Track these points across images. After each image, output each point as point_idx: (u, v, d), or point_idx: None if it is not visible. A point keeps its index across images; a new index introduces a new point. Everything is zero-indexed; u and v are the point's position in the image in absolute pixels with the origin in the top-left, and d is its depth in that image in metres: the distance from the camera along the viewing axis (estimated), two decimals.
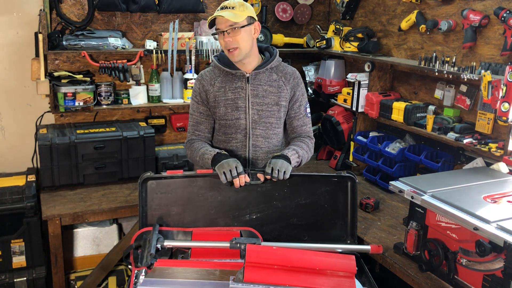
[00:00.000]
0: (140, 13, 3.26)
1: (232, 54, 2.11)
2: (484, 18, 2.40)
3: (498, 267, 1.67)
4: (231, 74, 2.20)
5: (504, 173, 2.19)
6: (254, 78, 2.20)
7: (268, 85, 2.21)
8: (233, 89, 2.19)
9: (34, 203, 2.68)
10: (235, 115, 2.19)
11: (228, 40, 2.08)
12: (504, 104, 2.15)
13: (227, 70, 2.19)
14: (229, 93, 2.19)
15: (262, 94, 2.20)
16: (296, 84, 2.27)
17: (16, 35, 3.05)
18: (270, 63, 2.21)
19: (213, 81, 2.22)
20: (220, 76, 2.22)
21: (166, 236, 2.02)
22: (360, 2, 3.42)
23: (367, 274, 1.97)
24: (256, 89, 2.20)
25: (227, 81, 2.20)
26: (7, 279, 2.68)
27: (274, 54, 2.25)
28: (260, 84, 2.20)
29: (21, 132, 3.19)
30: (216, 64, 2.22)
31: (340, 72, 3.54)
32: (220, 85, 2.20)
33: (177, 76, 3.34)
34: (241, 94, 2.19)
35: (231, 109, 2.19)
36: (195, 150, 2.20)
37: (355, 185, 2.14)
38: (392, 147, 2.94)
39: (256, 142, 2.24)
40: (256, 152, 2.25)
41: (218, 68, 2.22)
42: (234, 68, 2.19)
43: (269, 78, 2.22)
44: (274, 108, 2.22)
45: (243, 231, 2.09)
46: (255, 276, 1.67)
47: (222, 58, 2.23)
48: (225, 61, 2.21)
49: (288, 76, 2.25)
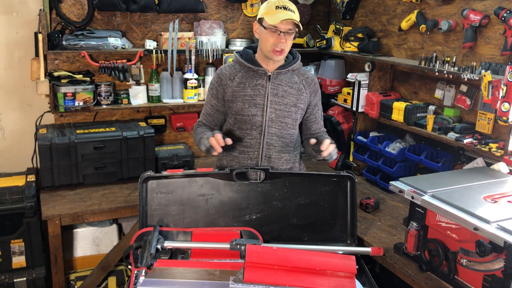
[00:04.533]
0: (140, 13, 3.26)
1: (277, 54, 2.13)
2: (484, 18, 2.40)
3: (498, 267, 1.67)
4: (252, 70, 2.21)
5: (504, 173, 2.18)
6: (275, 77, 2.22)
7: (288, 86, 2.24)
8: (253, 85, 2.21)
9: (34, 203, 2.68)
10: (252, 111, 2.21)
11: (282, 41, 2.09)
12: (504, 104, 2.15)
13: (250, 66, 2.21)
14: (249, 89, 2.21)
15: (282, 94, 2.22)
16: (316, 90, 2.33)
17: (16, 35, 3.05)
18: (293, 65, 2.24)
19: (232, 76, 2.23)
20: (241, 71, 2.23)
21: (166, 237, 2.02)
22: (360, 2, 3.42)
23: (367, 274, 1.97)
24: (277, 88, 2.22)
25: (248, 77, 2.22)
26: (7, 279, 2.68)
27: (297, 57, 2.28)
28: (280, 84, 2.22)
29: (21, 132, 3.19)
30: (239, 59, 2.24)
31: (340, 72, 3.54)
32: (240, 80, 2.22)
33: (177, 76, 3.34)
34: (261, 91, 2.21)
35: (248, 105, 2.20)
36: (197, 134, 2.28)
37: (354, 184, 2.14)
38: (392, 147, 2.94)
39: (270, 141, 2.26)
40: (270, 150, 2.27)
41: (240, 63, 2.24)
42: (257, 65, 2.21)
43: (290, 80, 2.25)
44: (292, 109, 2.24)
45: (243, 231, 2.10)
46: (255, 276, 1.67)
47: (245, 54, 2.25)
48: (248, 58, 2.23)
49: (309, 80, 2.30)
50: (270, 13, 2.08)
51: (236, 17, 3.53)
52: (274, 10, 2.08)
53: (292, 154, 2.34)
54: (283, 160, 2.31)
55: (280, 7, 2.08)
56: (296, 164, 2.39)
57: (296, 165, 2.38)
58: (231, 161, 2.31)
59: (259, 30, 2.16)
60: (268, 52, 2.14)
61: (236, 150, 2.28)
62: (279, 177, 2.15)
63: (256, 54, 2.26)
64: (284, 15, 2.06)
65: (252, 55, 2.25)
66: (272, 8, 2.09)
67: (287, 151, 2.31)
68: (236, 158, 2.29)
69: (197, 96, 3.32)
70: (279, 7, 2.08)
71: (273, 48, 2.11)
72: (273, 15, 2.07)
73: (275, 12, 2.07)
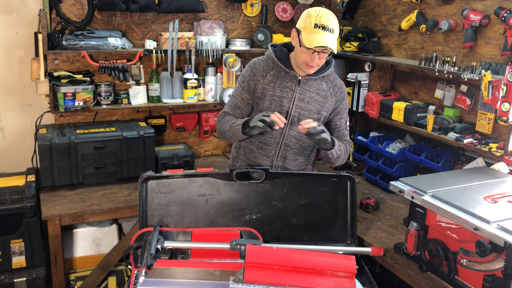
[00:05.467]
0: (140, 13, 3.26)
1: (310, 69, 2.14)
2: (484, 18, 2.40)
3: (499, 267, 1.67)
4: (284, 71, 2.21)
5: (504, 173, 2.18)
6: (305, 82, 2.21)
7: (316, 93, 2.23)
8: (283, 87, 2.20)
9: (34, 203, 2.67)
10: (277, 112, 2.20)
11: (317, 61, 2.09)
12: (504, 104, 2.15)
13: (282, 66, 2.20)
14: (278, 89, 2.20)
15: (308, 100, 2.22)
16: (342, 98, 2.31)
17: (16, 35, 3.05)
18: (324, 72, 2.23)
19: (265, 73, 2.22)
20: (273, 70, 2.23)
21: (166, 237, 2.02)
22: (360, 2, 3.42)
23: (367, 274, 1.97)
24: (304, 93, 2.21)
25: (279, 77, 2.21)
26: (7, 279, 2.68)
27: (330, 64, 2.25)
28: (308, 90, 2.22)
29: (21, 132, 3.18)
30: (273, 57, 2.22)
31: (340, 72, 3.54)
32: (271, 79, 2.21)
33: (177, 76, 3.34)
34: (289, 94, 2.20)
35: (274, 105, 2.21)
36: (225, 122, 2.27)
37: (354, 184, 2.14)
38: (392, 147, 2.94)
39: (289, 142, 2.27)
40: (286, 151, 2.28)
41: (273, 61, 2.22)
42: (289, 67, 2.20)
43: (318, 87, 2.24)
44: (315, 116, 2.24)
45: (243, 231, 2.10)
46: (255, 276, 1.67)
47: (280, 53, 2.22)
48: (283, 57, 2.21)
49: (336, 88, 2.29)
50: (308, 31, 2.03)
51: (236, 17, 3.53)
52: (312, 29, 2.02)
53: (308, 157, 2.36)
54: (297, 162, 2.32)
55: (319, 26, 2.01)
56: (309, 166, 2.40)
57: (309, 167, 2.40)
58: (248, 153, 2.32)
59: (296, 39, 2.11)
60: (300, 65, 2.14)
61: (254, 145, 2.30)
62: (279, 177, 2.15)
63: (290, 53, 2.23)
64: (319, 40, 2.00)
65: (286, 55, 2.22)
66: (311, 26, 2.02)
67: (304, 154, 2.32)
68: (253, 152, 2.31)
69: (197, 96, 3.32)
70: (318, 26, 2.01)
71: (306, 63, 2.11)
72: (310, 34, 2.02)
73: (313, 31, 2.02)
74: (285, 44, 2.28)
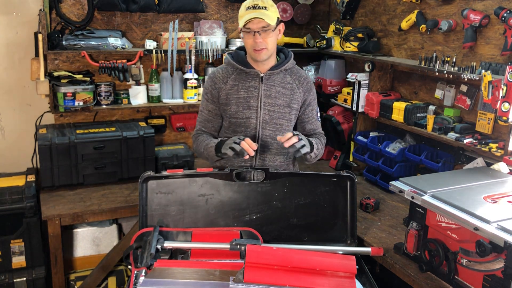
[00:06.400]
0: (140, 13, 3.26)
1: (259, 54, 2.11)
2: (484, 18, 2.40)
3: (499, 267, 1.66)
4: (245, 72, 2.20)
5: (504, 173, 2.18)
6: (268, 78, 2.20)
7: (281, 86, 2.22)
8: (246, 88, 2.20)
9: (33, 203, 2.68)
10: (246, 114, 2.20)
11: (259, 41, 2.08)
12: (504, 104, 2.15)
13: (242, 68, 2.19)
14: (242, 91, 2.19)
15: (275, 95, 2.21)
16: (309, 89, 2.30)
17: (15, 35, 3.05)
18: (285, 64, 2.22)
19: (226, 79, 2.22)
20: (234, 74, 2.22)
21: (166, 237, 2.02)
22: (360, 2, 3.42)
23: (367, 274, 1.97)
24: (269, 89, 2.20)
25: (241, 80, 2.21)
26: (7, 279, 2.68)
27: (289, 56, 2.26)
28: (273, 85, 2.21)
29: (21, 132, 3.18)
30: (231, 61, 2.22)
31: (340, 72, 3.54)
32: (233, 83, 2.21)
33: (177, 76, 3.34)
34: (254, 93, 2.19)
35: (242, 107, 2.19)
36: (200, 142, 2.24)
37: (354, 184, 2.14)
38: (392, 147, 2.93)
39: (265, 143, 2.25)
40: (264, 152, 2.26)
41: (232, 65, 2.22)
42: (249, 67, 2.19)
43: (283, 80, 2.23)
44: (285, 110, 2.23)
45: (243, 231, 2.09)
46: (255, 276, 1.66)
47: (237, 56, 2.24)
48: (240, 59, 2.21)
49: (302, 79, 2.28)
50: (241, 16, 2.08)
51: (236, 17, 3.53)
52: (244, 12, 2.07)
53: (287, 156, 2.33)
54: (277, 162, 2.30)
55: (250, 7, 2.06)
56: (290, 166, 2.38)
57: (290, 167, 2.37)
58: (225, 163, 2.28)
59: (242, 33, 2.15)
60: (251, 53, 2.14)
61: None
62: (279, 177, 2.14)
63: (247, 55, 2.24)
64: (249, 15, 2.04)
65: (244, 57, 2.23)
66: (243, 10, 2.08)
67: (282, 153, 2.29)
68: (230, 160, 2.26)
69: (197, 96, 3.32)
70: (249, 8, 2.06)
71: (253, 49, 2.11)
72: (243, 17, 2.07)
73: (245, 13, 2.06)
74: (240, 48, 2.30)
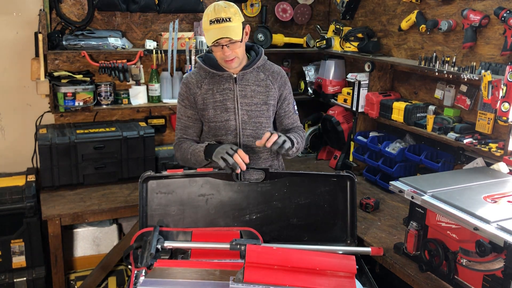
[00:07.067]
0: (140, 13, 3.26)
1: (231, 63, 2.10)
2: (484, 18, 2.40)
3: (498, 267, 1.67)
4: (218, 75, 2.18)
5: (504, 173, 2.18)
6: (241, 78, 2.19)
7: (256, 85, 2.21)
8: (221, 90, 2.18)
9: (34, 203, 2.68)
10: (224, 116, 2.18)
11: (228, 54, 2.06)
12: (504, 104, 2.15)
13: (214, 71, 2.17)
14: (217, 94, 2.18)
15: (251, 94, 2.20)
16: (284, 83, 2.28)
17: (16, 35, 3.05)
18: (256, 62, 2.21)
19: (199, 84, 2.20)
20: (207, 77, 2.20)
21: (166, 237, 2.02)
22: (360, 2, 3.42)
23: (367, 274, 1.97)
24: (244, 89, 2.19)
25: (215, 83, 2.19)
26: (7, 279, 2.68)
27: (260, 53, 2.23)
28: (248, 85, 2.20)
29: (21, 132, 3.19)
30: (202, 65, 2.20)
31: (340, 72, 3.54)
32: (208, 87, 2.19)
33: (177, 76, 3.34)
34: (230, 95, 2.18)
35: (220, 110, 2.18)
36: (185, 150, 2.22)
37: (354, 184, 2.14)
38: (392, 147, 2.94)
39: (247, 143, 2.23)
40: (247, 153, 2.22)
41: (204, 69, 2.20)
42: (221, 70, 2.17)
43: (256, 78, 2.22)
44: (263, 107, 2.22)
45: (243, 231, 2.09)
46: (255, 276, 1.67)
47: (208, 59, 2.21)
48: (211, 62, 2.18)
49: (275, 75, 2.26)
50: (206, 30, 2.04)
51: None
52: (209, 26, 2.02)
53: (270, 152, 2.30)
54: (262, 160, 2.29)
55: (213, 20, 2.00)
56: (275, 161, 2.36)
57: (275, 162, 2.36)
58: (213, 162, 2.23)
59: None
60: (222, 64, 2.13)
61: None
62: (279, 177, 2.14)
63: None
64: (215, 34, 2.00)
65: (215, 60, 2.17)
66: (207, 24, 2.03)
67: (265, 150, 2.27)
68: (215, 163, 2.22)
69: None
70: (212, 21, 2.01)
71: (223, 59, 2.09)
72: (207, 32, 2.03)
73: (209, 28, 2.02)
74: (210, 51, 2.24)
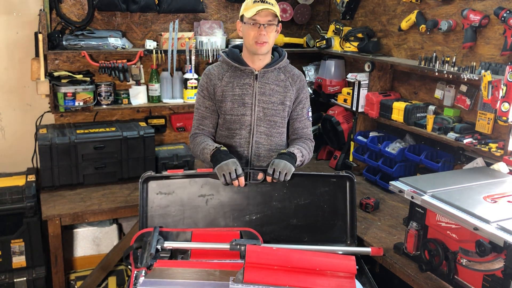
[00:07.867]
0: (140, 13, 3.26)
1: (261, 47, 2.13)
2: (484, 18, 2.40)
3: (498, 267, 1.67)
4: (239, 70, 2.22)
5: (504, 173, 2.18)
6: (262, 76, 2.22)
7: (275, 84, 2.24)
8: (241, 85, 2.21)
9: (34, 203, 2.68)
10: (241, 111, 2.21)
11: (263, 34, 2.11)
12: (504, 104, 2.15)
13: (237, 65, 2.21)
14: (237, 88, 2.21)
15: (269, 92, 2.22)
16: (302, 87, 2.31)
17: (16, 35, 3.05)
18: (279, 62, 2.25)
19: (221, 76, 2.24)
20: (229, 71, 2.24)
21: (166, 237, 2.02)
22: (360, 2, 3.42)
23: (367, 274, 1.97)
24: (264, 87, 2.22)
25: (235, 77, 2.22)
26: (7, 279, 2.68)
27: (283, 55, 2.29)
28: (267, 83, 2.23)
29: (21, 132, 3.19)
30: (225, 59, 2.24)
31: (340, 72, 3.54)
32: (228, 80, 2.22)
33: (177, 76, 3.34)
34: (249, 90, 2.21)
35: (237, 104, 2.20)
36: (197, 144, 2.23)
37: (353, 185, 2.14)
38: (392, 147, 2.94)
39: (259, 139, 2.25)
40: (259, 149, 2.26)
41: (227, 63, 2.24)
42: (244, 64, 2.21)
43: (276, 78, 2.25)
44: (279, 107, 2.24)
45: (243, 231, 2.10)
46: (255, 276, 1.67)
47: (231, 53, 2.26)
48: (235, 57, 2.23)
49: (295, 77, 2.30)
50: (248, 8, 2.11)
51: (236, 17, 3.53)
52: (252, 4, 2.10)
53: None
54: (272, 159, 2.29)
55: (257, 1, 2.10)
56: None
57: None
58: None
59: (242, 27, 2.18)
60: (251, 46, 2.15)
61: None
62: None
63: (242, 53, 2.26)
64: (260, 6, 2.08)
65: (238, 54, 2.25)
66: (250, 3, 2.12)
67: (276, 150, 2.29)
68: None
69: None
70: (256, 1, 2.10)
71: (255, 41, 2.12)
72: (251, 9, 2.10)
73: (253, 5, 2.10)
74: (235, 46, 2.32)
